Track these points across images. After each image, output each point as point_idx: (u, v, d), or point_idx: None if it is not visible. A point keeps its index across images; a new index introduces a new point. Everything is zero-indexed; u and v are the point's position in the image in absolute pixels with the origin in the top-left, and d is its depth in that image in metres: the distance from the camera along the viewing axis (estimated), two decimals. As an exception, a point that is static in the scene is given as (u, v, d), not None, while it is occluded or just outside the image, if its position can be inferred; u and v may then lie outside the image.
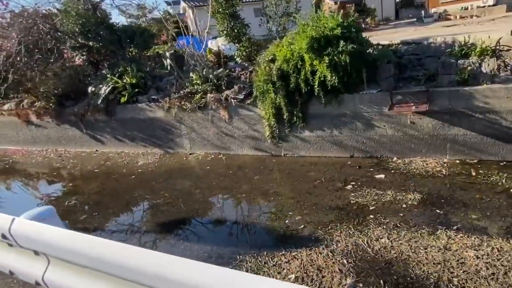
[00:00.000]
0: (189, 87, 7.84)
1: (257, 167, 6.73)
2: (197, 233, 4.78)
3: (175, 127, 8.07)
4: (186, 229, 4.94)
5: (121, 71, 8.91)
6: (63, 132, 10.04)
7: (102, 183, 7.13)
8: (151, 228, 5.06)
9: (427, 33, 9.06)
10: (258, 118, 7.01)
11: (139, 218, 5.46)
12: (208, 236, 4.68)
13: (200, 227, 4.94)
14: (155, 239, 4.73)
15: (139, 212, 5.64)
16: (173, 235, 4.79)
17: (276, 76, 6.23)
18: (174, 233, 4.84)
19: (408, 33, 10.56)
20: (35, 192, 7.43)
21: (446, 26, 10.67)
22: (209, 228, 4.88)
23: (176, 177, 6.81)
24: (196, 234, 4.76)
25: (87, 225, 5.44)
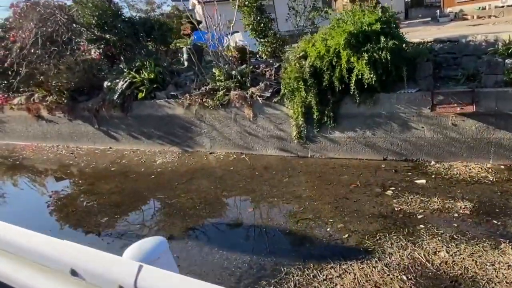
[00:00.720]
0: (210, 84, 7.45)
1: (284, 168, 6.36)
2: (231, 241, 4.41)
3: (195, 125, 7.69)
4: (219, 235, 4.57)
5: (138, 65, 8.52)
6: (75, 128, 9.65)
7: (121, 182, 6.75)
8: (181, 234, 4.68)
9: (453, 32, 8.66)
10: (285, 117, 6.63)
11: (166, 222, 5.08)
12: (244, 244, 4.32)
13: (233, 234, 4.57)
14: (187, 247, 4.35)
15: (164, 215, 5.26)
16: (206, 242, 4.42)
17: (309, 74, 5.85)
18: (207, 240, 4.47)
19: (430, 32, 10.17)
20: (50, 192, 7.04)
21: (472, 25, 10.28)
22: (244, 235, 4.52)
23: (199, 177, 6.44)
24: (231, 241, 4.39)
25: (109, 228, 5.07)
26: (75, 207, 5.94)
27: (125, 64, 8.61)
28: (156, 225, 5.01)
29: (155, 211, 5.41)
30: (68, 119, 9.68)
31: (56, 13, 7.55)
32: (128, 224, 5.14)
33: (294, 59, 6.17)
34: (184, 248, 4.32)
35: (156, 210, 5.44)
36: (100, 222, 5.28)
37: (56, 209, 6.00)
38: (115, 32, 8.58)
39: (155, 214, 5.33)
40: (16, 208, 6.49)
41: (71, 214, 5.72)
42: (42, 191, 7.10)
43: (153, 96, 8.20)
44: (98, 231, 5.05)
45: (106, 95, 8.77)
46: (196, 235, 4.58)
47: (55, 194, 6.72)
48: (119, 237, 4.79)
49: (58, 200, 6.36)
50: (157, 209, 5.48)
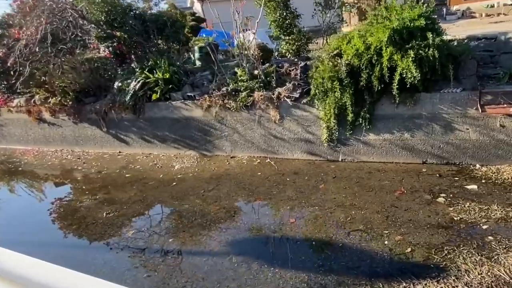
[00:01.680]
0: (231, 84, 7.03)
1: (315, 173, 5.99)
2: (280, 256, 4.01)
3: (214, 128, 7.27)
4: (264, 250, 4.17)
5: (150, 65, 8.06)
6: (81, 131, 9.13)
7: (140, 190, 6.29)
8: (222, 249, 4.27)
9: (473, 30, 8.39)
10: (314, 119, 6.26)
11: (201, 235, 4.65)
12: (295, 259, 3.92)
13: (280, 248, 4.18)
14: (232, 265, 3.94)
15: (198, 227, 4.83)
16: (253, 258, 4.02)
17: (345, 73, 5.49)
18: (253, 256, 4.07)
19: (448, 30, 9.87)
20: (61, 201, 6.53)
21: (493, 22, 10.04)
22: (292, 248, 4.12)
23: (226, 184, 6.02)
24: (279, 257, 4.00)
25: (139, 242, 4.62)
26: (94, 219, 5.47)
27: (137, 63, 8.13)
28: (191, 238, 4.58)
29: (186, 223, 4.98)
30: (73, 122, 9.16)
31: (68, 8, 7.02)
32: (158, 238, 4.70)
33: (328, 58, 5.80)
34: (230, 266, 3.91)
35: (187, 222, 5.01)
36: (127, 236, 4.83)
37: (73, 221, 5.51)
38: (126, 30, 8.07)
39: (186, 226, 4.90)
40: (28, 221, 5.98)
41: (91, 227, 5.26)
42: (52, 200, 6.58)
43: (167, 98, 7.76)
44: (126, 245, 4.60)
45: (116, 96, 8.29)
46: (239, 250, 4.17)
47: (68, 204, 6.22)
48: (152, 254, 4.35)
49: (73, 211, 5.86)
50: (188, 220, 5.05)
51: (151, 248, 4.45)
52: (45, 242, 4.95)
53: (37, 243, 4.94)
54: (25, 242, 4.92)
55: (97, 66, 9.05)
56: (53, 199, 6.58)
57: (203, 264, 3.98)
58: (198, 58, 9.27)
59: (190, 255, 4.21)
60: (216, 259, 4.07)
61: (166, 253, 4.29)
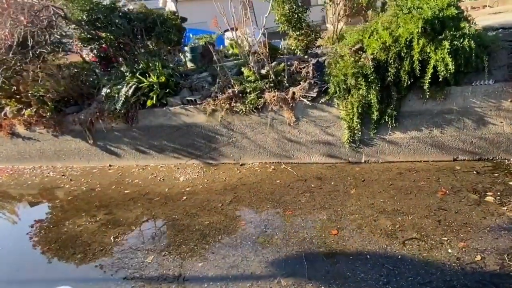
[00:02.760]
0: (236, 86, 6.61)
1: (341, 177, 5.68)
2: (336, 275, 3.64)
3: (220, 134, 6.81)
4: (317, 269, 3.78)
5: (142, 68, 7.49)
6: (62, 145, 8.39)
7: (146, 208, 5.74)
8: (268, 271, 3.85)
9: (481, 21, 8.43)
10: (333, 120, 5.96)
11: (236, 257, 4.20)
12: (356, 277, 3.57)
13: (333, 265, 3.81)
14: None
15: (230, 248, 4.37)
16: (306, 279, 3.63)
17: (371, 68, 5.22)
18: (306, 276, 3.67)
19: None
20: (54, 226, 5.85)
21: (492, 13, 10.18)
22: (348, 265, 3.76)
23: (245, 195, 5.59)
24: (336, 275, 3.63)
25: (164, 270, 4.11)
26: (101, 245, 4.89)
27: (126, 67, 7.52)
28: (224, 261, 4.12)
29: (213, 243, 4.51)
30: (53, 135, 8.39)
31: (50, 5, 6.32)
32: (184, 263, 4.21)
33: (349, 53, 5.52)
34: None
35: (213, 242, 4.54)
36: (146, 263, 4.31)
37: (76, 249, 4.89)
38: (111, 30, 7.45)
39: (213, 247, 4.43)
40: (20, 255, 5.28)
41: (99, 255, 4.68)
42: (41, 226, 5.88)
43: (164, 103, 7.22)
44: (151, 275, 4.08)
45: (104, 104, 7.65)
46: (286, 271, 3.76)
47: (64, 230, 5.56)
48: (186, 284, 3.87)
49: (73, 237, 5.22)
50: (213, 240, 4.57)
51: (182, 276, 3.95)
52: (53, 279, 4.32)
53: (43, 282, 4.32)
54: (26, 281, 4.29)
55: (76, 72, 8.35)
56: (43, 224, 5.88)
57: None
58: (190, 59, 8.78)
59: (232, 282, 3.75)
60: (262, 284, 3.65)
61: (203, 282, 3.81)
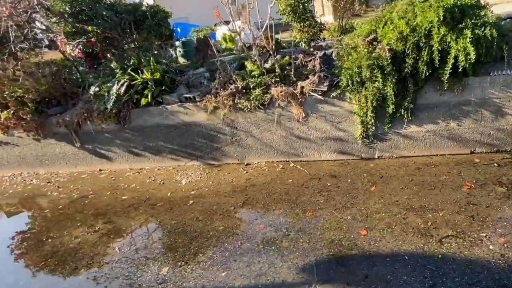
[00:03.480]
0: (238, 81, 6.35)
1: (356, 174, 5.54)
2: (377, 279, 3.45)
3: (222, 133, 6.53)
4: (353, 273, 3.58)
5: (133, 64, 7.09)
6: (46, 149, 7.88)
7: (150, 214, 5.40)
8: (300, 278, 3.62)
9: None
10: (345, 114, 5.80)
11: (264, 263, 3.94)
12: (398, 280, 3.39)
13: (370, 268, 3.62)
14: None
15: (254, 254, 4.11)
16: (345, 284, 3.42)
17: (387, 59, 5.09)
18: (343, 281, 3.47)
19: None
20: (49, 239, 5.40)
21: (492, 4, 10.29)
22: (386, 267, 3.58)
23: (257, 196, 5.35)
24: (377, 279, 3.44)
25: (184, 283, 3.82)
26: (106, 258, 4.53)
27: (116, 63, 7.10)
28: (250, 269, 3.86)
29: (233, 250, 4.23)
30: (34, 138, 7.86)
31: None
32: (206, 274, 3.92)
33: (363, 44, 5.37)
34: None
35: (233, 248, 4.26)
36: (162, 276, 3.99)
37: (78, 263, 4.50)
38: (98, 23, 7.01)
39: (235, 254, 4.15)
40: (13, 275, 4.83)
41: (105, 268, 4.32)
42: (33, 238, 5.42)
43: (159, 101, 6.86)
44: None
45: (92, 103, 7.21)
46: (320, 277, 3.55)
47: (60, 242, 5.13)
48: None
49: (71, 251, 4.82)
50: (233, 246, 4.30)
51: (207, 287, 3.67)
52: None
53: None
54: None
55: (58, 69, 7.86)
56: (33, 237, 5.43)
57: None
58: (182, 54, 8.44)
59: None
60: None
61: (232, 293, 3.54)
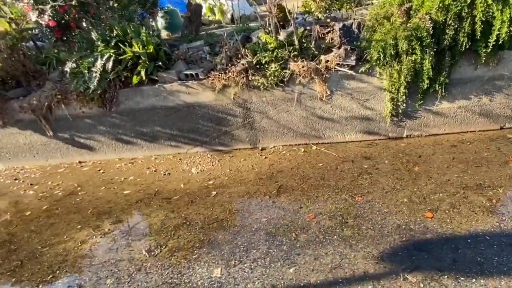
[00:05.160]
0: (249, 56, 5.92)
1: (391, 154, 5.45)
2: (468, 262, 3.35)
3: (233, 114, 6.08)
4: (440, 258, 3.44)
5: (117, 35, 6.32)
6: (5, 140, 6.86)
7: (170, 210, 4.86)
8: (383, 268, 3.40)
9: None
10: (373, 91, 5.65)
11: (333, 254, 3.66)
12: (490, 262, 3.31)
13: (455, 252, 3.50)
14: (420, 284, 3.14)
15: (315, 248, 3.81)
16: (437, 270, 3.26)
17: (429, 30, 4.99)
18: (433, 268, 3.31)
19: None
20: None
21: None
22: (472, 249, 3.49)
23: (292, 183, 5.03)
24: (469, 263, 3.33)
25: (249, 284, 3.44)
26: (136, 263, 3.97)
27: (97, 34, 6.27)
28: (317, 261, 3.57)
29: (291, 243, 3.89)
30: (-12, 127, 6.78)
31: None
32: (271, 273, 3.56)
33: (398, 13, 5.21)
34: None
35: (289, 241, 3.92)
36: (217, 279, 3.56)
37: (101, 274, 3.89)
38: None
39: (295, 247, 3.82)
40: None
41: (139, 277, 3.78)
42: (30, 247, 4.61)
43: (154, 80, 6.20)
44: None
45: (69, 83, 6.34)
46: (405, 265, 3.36)
47: (63, 250, 4.41)
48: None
49: (84, 258, 4.17)
50: (289, 239, 3.95)
51: None
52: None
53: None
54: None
55: (14, 43, 6.81)
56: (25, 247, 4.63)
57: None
58: (165, 27, 7.76)
59: (348, 286, 3.24)
60: (387, 284, 3.20)
61: None
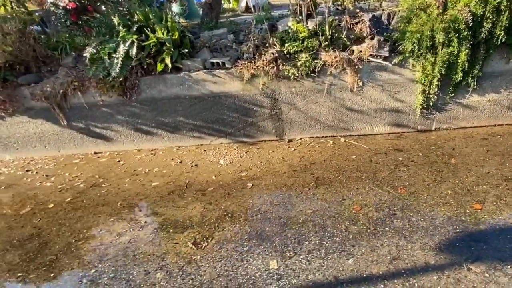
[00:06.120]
0: (277, 45, 5.89)
1: (423, 147, 5.54)
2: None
3: (260, 105, 6.05)
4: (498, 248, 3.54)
5: (138, 20, 6.18)
6: (13, 129, 6.64)
7: (207, 202, 4.81)
8: (443, 259, 3.47)
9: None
10: (405, 83, 5.73)
11: (387, 248, 3.70)
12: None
13: None
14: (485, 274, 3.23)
15: (369, 239, 3.85)
16: (499, 260, 3.36)
17: (468, 22, 5.09)
18: (494, 258, 3.40)
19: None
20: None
21: None
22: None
23: (328, 176, 5.05)
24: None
25: (309, 275, 3.45)
26: (186, 256, 3.92)
27: (119, 18, 6.11)
28: (374, 253, 3.61)
29: (342, 235, 3.91)
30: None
31: None
32: (329, 264, 3.58)
33: (436, 4, 5.29)
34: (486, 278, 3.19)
35: (340, 233, 3.93)
36: (274, 272, 3.56)
37: (147, 266, 3.83)
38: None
39: (348, 238, 3.84)
40: None
41: (188, 268, 3.74)
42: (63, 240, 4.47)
43: (177, 68, 6.10)
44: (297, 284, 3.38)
45: (83, 69, 6.20)
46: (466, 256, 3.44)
47: (101, 243, 4.31)
48: None
49: (126, 250, 4.09)
50: (340, 230, 3.98)
51: (340, 280, 3.34)
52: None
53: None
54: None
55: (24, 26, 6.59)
56: (58, 240, 4.50)
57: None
58: (181, 14, 7.63)
59: (412, 277, 3.28)
60: (451, 274, 3.27)
61: (376, 281, 3.27)
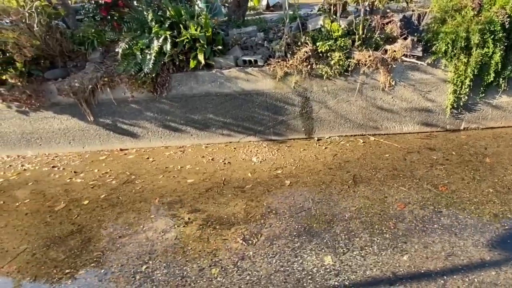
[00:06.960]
0: (309, 44, 5.99)
1: (456, 146, 5.70)
2: None
3: (291, 103, 6.16)
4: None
5: (169, 16, 6.23)
6: (37, 124, 6.65)
7: (248, 199, 4.88)
8: (498, 256, 3.61)
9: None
10: (436, 83, 5.88)
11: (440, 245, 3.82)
12: None
13: None
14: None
15: (420, 236, 3.96)
16: None
17: (508, 23, 5.28)
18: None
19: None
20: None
21: None
22: None
23: (365, 174, 5.17)
24: None
25: (367, 271, 3.56)
26: (237, 252, 4.00)
27: (152, 14, 6.14)
28: (428, 250, 3.74)
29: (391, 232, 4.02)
30: (19, 111, 6.57)
31: None
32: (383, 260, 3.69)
33: (472, 5, 5.45)
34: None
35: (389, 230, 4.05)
36: (329, 267, 3.66)
37: (202, 262, 3.90)
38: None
39: (398, 235, 3.96)
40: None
41: (242, 263, 3.82)
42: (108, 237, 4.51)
43: (209, 65, 6.17)
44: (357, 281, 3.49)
45: (111, 65, 6.24)
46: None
47: (149, 240, 4.37)
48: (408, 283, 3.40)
49: (175, 249, 4.14)
50: (387, 227, 4.09)
51: (397, 275, 3.46)
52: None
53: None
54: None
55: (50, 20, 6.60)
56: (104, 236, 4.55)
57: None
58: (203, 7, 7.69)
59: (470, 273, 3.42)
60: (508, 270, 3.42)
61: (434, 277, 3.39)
